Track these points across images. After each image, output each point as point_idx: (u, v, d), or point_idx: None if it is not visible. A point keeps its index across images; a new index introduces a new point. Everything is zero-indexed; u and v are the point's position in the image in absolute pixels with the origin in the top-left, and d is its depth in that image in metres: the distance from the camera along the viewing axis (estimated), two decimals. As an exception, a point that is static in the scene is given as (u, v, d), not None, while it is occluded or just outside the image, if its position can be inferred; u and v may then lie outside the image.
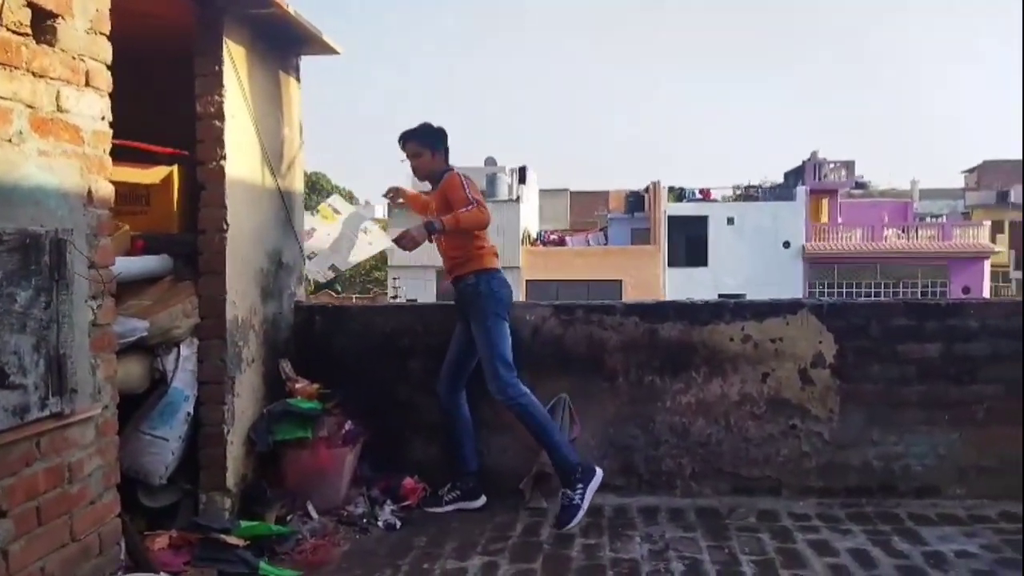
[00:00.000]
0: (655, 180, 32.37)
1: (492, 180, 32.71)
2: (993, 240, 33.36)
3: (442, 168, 3.81)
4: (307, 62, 4.27)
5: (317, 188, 66.36)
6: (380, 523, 3.57)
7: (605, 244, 33.40)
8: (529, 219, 34.35)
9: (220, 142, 3.37)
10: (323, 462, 3.61)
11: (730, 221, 31.83)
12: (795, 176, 35.79)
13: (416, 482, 3.83)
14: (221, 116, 3.37)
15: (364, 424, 3.80)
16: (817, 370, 3.82)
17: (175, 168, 3.63)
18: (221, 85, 3.37)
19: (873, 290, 30.16)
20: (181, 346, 3.34)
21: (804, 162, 35.52)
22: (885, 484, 3.75)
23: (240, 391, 3.53)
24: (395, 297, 28.39)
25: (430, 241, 3.66)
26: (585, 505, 3.50)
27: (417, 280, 30.47)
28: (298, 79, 4.20)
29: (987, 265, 31.37)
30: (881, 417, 3.77)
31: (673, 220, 31.88)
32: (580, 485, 3.52)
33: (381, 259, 37.66)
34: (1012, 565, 2.98)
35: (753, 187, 37.50)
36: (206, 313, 3.38)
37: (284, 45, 3.99)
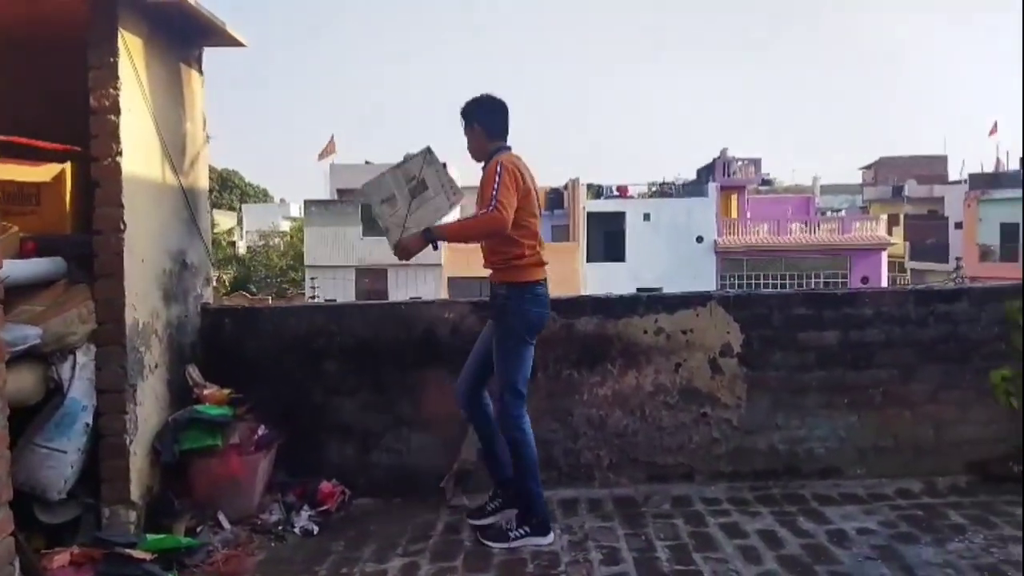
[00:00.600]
0: (574, 177, 32.84)
1: (411, 177, 32.44)
2: (890, 232, 35.36)
3: (491, 149, 3.34)
4: (219, 54, 4.12)
5: (229, 185, 64.38)
6: (296, 530, 3.48)
7: (526, 240, 33.63)
8: (451, 216, 34.21)
9: (116, 137, 3.21)
10: (234, 469, 3.49)
11: (646, 217, 32.60)
12: (706, 173, 37.00)
13: (334, 485, 3.77)
14: (117, 110, 3.21)
15: (278, 428, 3.70)
16: (725, 359, 3.96)
17: (67, 165, 3.44)
18: (116, 77, 3.21)
19: (780, 282, 31.54)
20: (77, 353, 3.16)
21: (715, 159, 36.79)
22: (790, 467, 3.92)
23: (143, 399, 3.38)
24: (313, 298, 27.79)
25: (434, 248, 3.35)
26: (513, 545, 3.22)
27: (336, 280, 29.92)
28: (200, 72, 4.04)
29: (884, 256, 33.24)
30: (785, 402, 3.93)
31: (592, 216, 32.43)
32: (526, 529, 3.26)
33: (297, 258, 36.83)
34: (908, 540, 3.17)
35: (668, 184, 38.58)
36: (104, 318, 3.22)
37: (186, 36, 3.83)
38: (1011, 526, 3.25)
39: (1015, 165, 39.29)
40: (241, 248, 46.56)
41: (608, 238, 32.60)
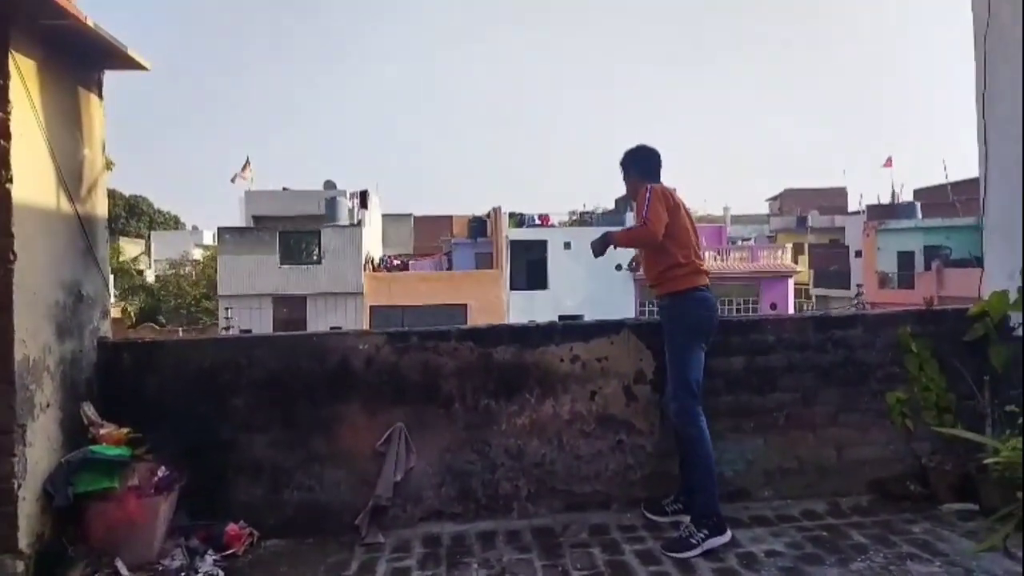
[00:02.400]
0: (496, 206, 33.09)
1: (332, 204, 31.95)
2: (795, 260, 37.09)
3: (641, 188, 3.71)
4: (126, 77, 3.98)
5: (137, 212, 61.80)
6: (201, 575, 3.31)
7: (449, 269, 33.58)
8: (372, 244, 33.85)
9: (5, 163, 3.05)
10: (133, 513, 3.30)
11: (567, 245, 33.09)
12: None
13: (241, 527, 3.61)
14: (7, 135, 3.06)
15: (180, 469, 3.53)
16: (639, 386, 4.03)
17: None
18: (7, 101, 3.05)
19: (696, 308, 32.41)
20: (-43, 393, 2.94)
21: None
22: (703, 491, 3.99)
23: (33, 440, 3.17)
24: (227, 328, 26.83)
25: (614, 248, 3.66)
26: (700, 550, 3.33)
27: (252, 310, 29.01)
28: (101, 96, 3.88)
29: (791, 283, 34.77)
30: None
31: (515, 245, 32.68)
32: (707, 531, 3.39)
33: (211, 287, 35.58)
34: (813, 561, 3.27)
35: (587, 213, 39.37)
36: (-11, 354, 3.01)
37: (85, 60, 3.68)
38: (909, 544, 3.40)
39: (909, 196, 42.02)
40: (150, 277, 44.63)
41: (530, 266, 32.90)
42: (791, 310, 32.34)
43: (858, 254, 38.95)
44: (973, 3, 4.26)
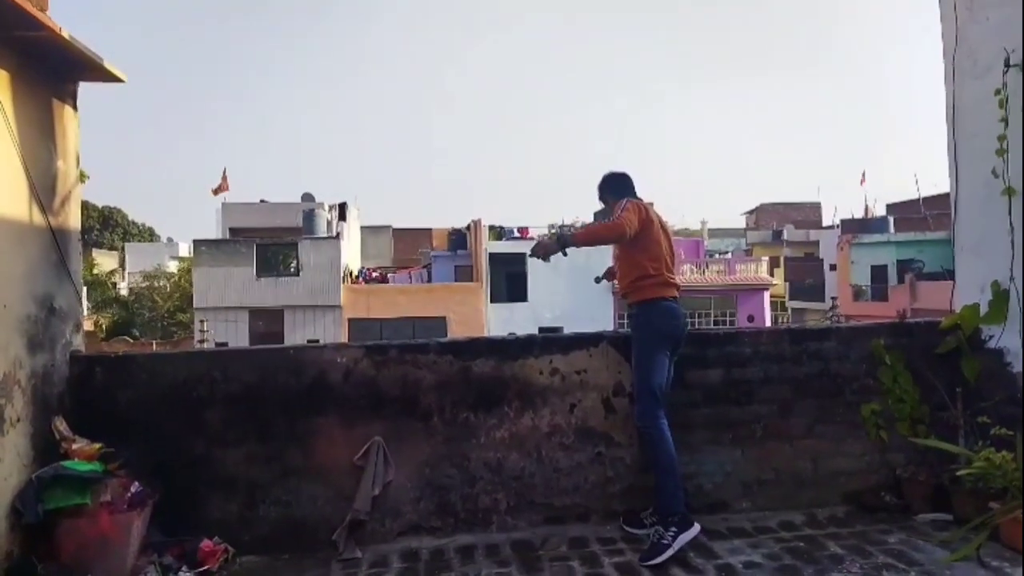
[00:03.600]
0: (476, 218, 33.10)
1: (310, 216, 31.80)
2: (771, 273, 37.44)
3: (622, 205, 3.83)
4: (103, 89, 3.94)
5: (111, 224, 61.05)
6: (174, 592, 3.26)
7: (429, 281, 33.49)
8: (351, 256, 33.69)
9: (-24, 175, 2.99)
10: (105, 529, 3.24)
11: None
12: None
13: (215, 543, 3.55)
14: (-22, 146, 3.00)
15: (154, 484, 3.47)
16: (618, 398, 4.04)
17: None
18: (-22, 112, 3.00)
19: (674, 320, 32.61)
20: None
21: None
22: (682, 503, 4.01)
23: (2, 455, 3.11)
24: (202, 341, 26.48)
25: (563, 254, 3.72)
26: (674, 548, 3.42)
27: (228, 322, 28.70)
28: (75, 107, 3.84)
29: (767, 296, 35.11)
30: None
31: (494, 257, 32.69)
32: (675, 529, 3.49)
33: (185, 300, 35.15)
34: (791, 572, 3.29)
35: (566, 226, 39.49)
36: (-43, 369, 2.95)
37: (59, 71, 3.64)
38: (885, 555, 3.43)
39: (882, 211, 42.71)
40: (123, 289, 44.02)
41: (510, 279, 32.90)
42: (768, 322, 32.66)
43: (833, 267, 39.46)
44: (942, 24, 4.36)
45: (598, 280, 4.74)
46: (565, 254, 3.75)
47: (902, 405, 4.14)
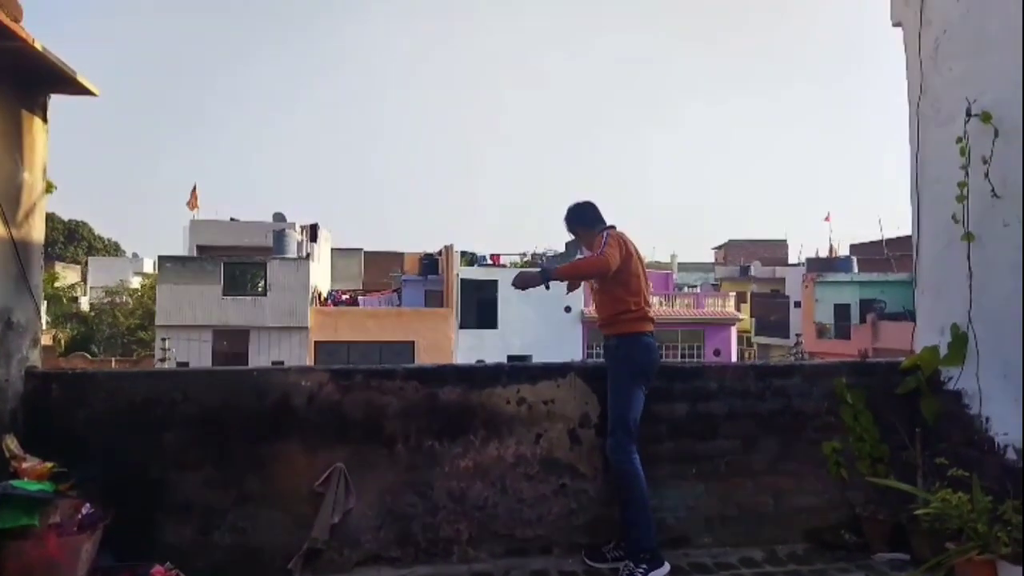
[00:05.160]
0: (448, 244, 33.11)
1: (280, 236, 31.54)
2: (738, 309, 37.95)
3: (599, 232, 3.88)
4: (75, 102, 3.89)
5: (76, 237, 59.92)
6: (122, 620, 3.14)
7: (399, 305, 33.31)
8: (321, 278, 33.41)
9: (-64, 184, 2.92)
10: (52, 552, 3.12)
11: (517, 286, 33.22)
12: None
13: (167, 569, 3.43)
14: (-60, 154, 2.93)
15: (106, 506, 3.36)
16: (584, 430, 4.04)
17: None
18: (-58, 120, 2.94)
19: (642, 352, 32.78)
20: None
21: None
22: (644, 537, 3.99)
23: (-54, 474, 2.98)
24: (163, 360, 25.97)
25: (546, 288, 3.75)
26: None
27: (191, 341, 28.17)
28: (45, 119, 3.78)
29: (734, 330, 35.53)
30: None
31: (465, 283, 32.66)
32: (645, 567, 3.54)
33: (148, 317, 34.47)
34: (749, 607, 3.29)
35: (538, 255, 39.68)
36: (-96, 382, 2.84)
37: (30, 82, 3.59)
38: (842, 592, 3.45)
39: (846, 251, 43.61)
40: (84, 304, 43.06)
41: (481, 305, 32.88)
42: (734, 357, 32.99)
43: (797, 304, 40.09)
44: (907, 73, 4.51)
45: (568, 310, 4.74)
46: (547, 287, 3.78)
47: (862, 444, 4.19)
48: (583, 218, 4.03)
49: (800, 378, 4.29)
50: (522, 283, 3.81)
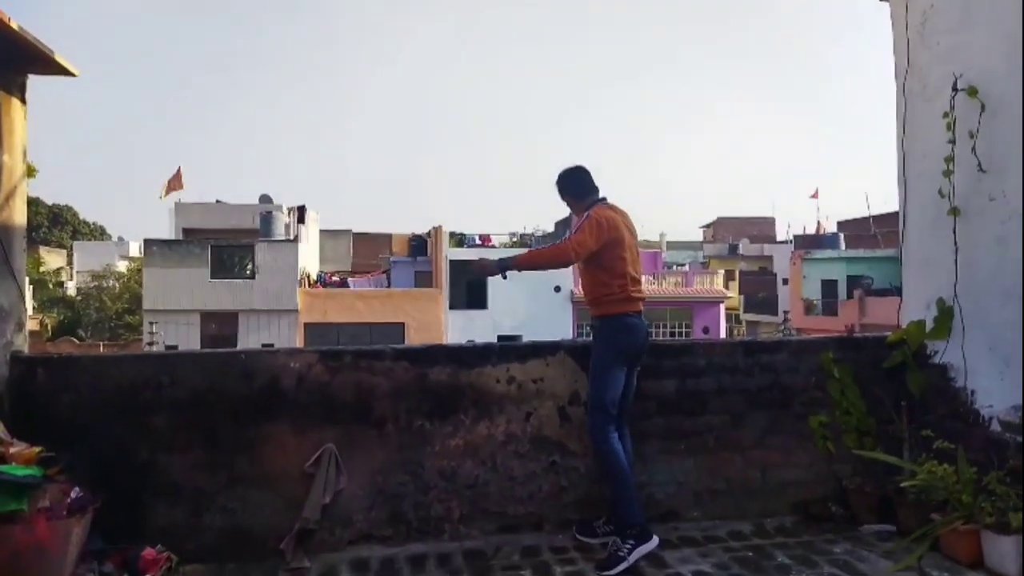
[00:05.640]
0: (437, 225, 33.00)
1: (267, 218, 31.32)
2: (726, 286, 38.10)
3: (587, 204, 3.83)
4: (57, 83, 3.82)
5: (60, 221, 59.30)
6: (113, 602, 3.15)
7: (388, 287, 33.24)
8: (309, 260, 33.25)
9: (-87, 166, 2.87)
10: (42, 537, 3.11)
11: (507, 266, 33.16)
12: (563, 226, 38.39)
13: (158, 552, 3.45)
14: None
15: (96, 490, 3.35)
16: (574, 407, 4.05)
17: None
18: (-83, 101, 2.88)
19: (632, 331, 32.93)
20: None
21: (570, 214, 38.25)
22: (634, 512, 4.03)
23: (-68, 460, 2.96)
24: (151, 344, 25.85)
25: (503, 277, 3.71)
26: (630, 560, 3.44)
27: (179, 324, 28.04)
28: (23, 100, 3.72)
29: (723, 308, 35.69)
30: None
31: (455, 264, 32.58)
32: (632, 542, 3.49)
33: (135, 301, 34.27)
34: (738, 580, 3.33)
35: (527, 235, 39.64)
36: None
37: (7, 63, 3.52)
38: (830, 565, 3.49)
39: (833, 228, 43.81)
40: (71, 289, 42.72)
41: (470, 286, 32.83)
42: (723, 334, 33.17)
43: (785, 281, 40.33)
44: (895, 48, 4.50)
45: (558, 290, 4.75)
46: (505, 277, 3.74)
47: (849, 417, 4.23)
48: (571, 187, 3.94)
49: (788, 354, 4.32)
50: (479, 270, 3.75)
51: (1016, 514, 3.25)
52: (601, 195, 3.90)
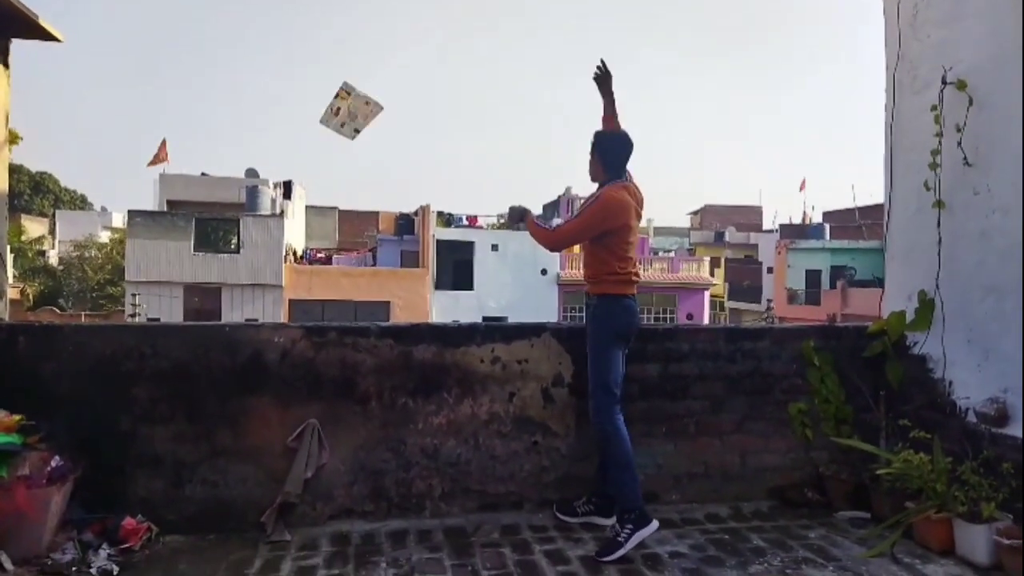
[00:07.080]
0: (425, 204, 32.85)
1: (253, 192, 31.04)
2: (712, 274, 38.30)
3: (604, 179, 3.79)
4: (41, 49, 3.75)
5: (42, 189, 58.46)
6: (94, 570, 3.15)
7: (374, 265, 33.11)
8: (295, 236, 33.04)
9: None
10: (21, 504, 3.11)
11: (494, 248, 33.17)
12: (552, 208, 38.40)
13: (139, 522, 3.45)
14: None
15: (76, 459, 3.35)
16: (557, 389, 4.08)
17: None
18: None
19: (617, 315, 33.06)
20: None
21: (559, 196, 38.32)
22: (614, 494, 4.07)
23: (-90, 426, 2.94)
24: (133, 316, 25.64)
25: (517, 228, 3.94)
26: (628, 546, 3.42)
27: (162, 297, 27.83)
28: (6, 65, 3.65)
29: (707, 295, 35.90)
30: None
31: (441, 244, 32.51)
32: (631, 526, 3.47)
33: (117, 272, 33.92)
34: (715, 563, 3.38)
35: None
36: None
37: (-11, 23, 3.45)
38: (805, 549, 3.55)
39: (819, 218, 44.06)
40: (52, 258, 42.21)
41: (457, 266, 32.80)
42: (707, 321, 33.37)
43: (770, 270, 40.59)
44: (886, 40, 4.50)
45: (544, 272, 4.79)
46: (518, 228, 3.90)
47: (828, 405, 4.29)
48: (606, 152, 3.77)
49: (770, 341, 4.36)
50: (518, 219, 3.95)
51: (988, 504, 3.32)
52: (624, 175, 3.79)
